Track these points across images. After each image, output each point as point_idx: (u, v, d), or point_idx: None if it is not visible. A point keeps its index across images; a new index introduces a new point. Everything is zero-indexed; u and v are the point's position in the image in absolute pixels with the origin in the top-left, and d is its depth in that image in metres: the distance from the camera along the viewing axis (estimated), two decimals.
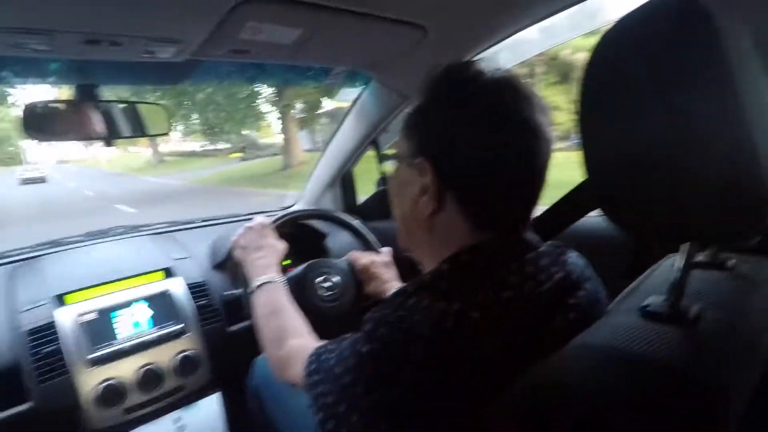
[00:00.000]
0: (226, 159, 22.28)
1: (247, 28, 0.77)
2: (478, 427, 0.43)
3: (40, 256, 1.21)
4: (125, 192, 13.85)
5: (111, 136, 0.94)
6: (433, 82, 0.55)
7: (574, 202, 0.64)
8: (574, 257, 0.59)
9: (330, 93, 9.36)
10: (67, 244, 1.38)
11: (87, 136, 0.92)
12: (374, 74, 1.16)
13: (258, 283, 0.91)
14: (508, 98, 0.51)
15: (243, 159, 21.27)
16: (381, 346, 0.48)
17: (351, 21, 0.83)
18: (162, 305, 1.10)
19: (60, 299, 1.04)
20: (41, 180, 21.84)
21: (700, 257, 0.55)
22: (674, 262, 0.54)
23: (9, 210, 11.34)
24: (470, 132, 0.51)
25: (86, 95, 0.89)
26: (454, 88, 0.53)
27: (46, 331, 0.98)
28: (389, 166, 0.65)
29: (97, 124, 0.91)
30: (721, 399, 0.36)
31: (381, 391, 0.47)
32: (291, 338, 0.80)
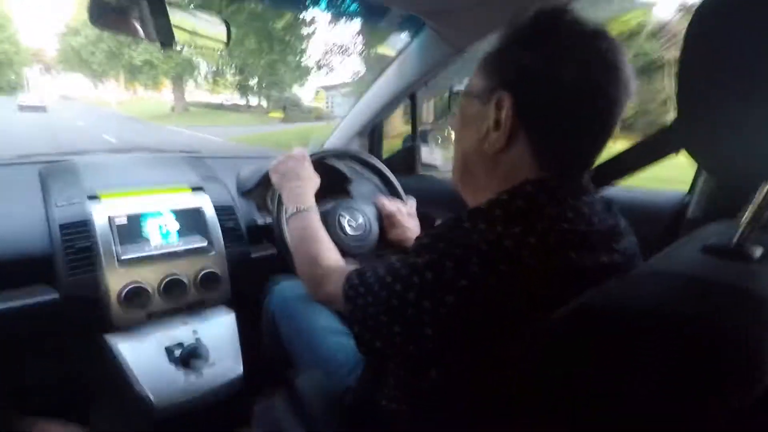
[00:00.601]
0: (262, 118, 19.99)
1: None
2: (518, 347, 0.45)
3: (68, 160, 1.22)
4: (157, 144, 11.69)
5: (168, 39, 0.93)
6: (523, 23, 0.56)
7: (637, 154, 0.66)
8: (618, 211, 0.62)
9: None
10: (92, 154, 1.39)
11: (147, 35, 0.91)
12: (431, 22, 1.15)
13: (299, 208, 0.92)
14: (601, 46, 0.52)
15: (283, 120, 18.92)
16: (439, 256, 0.50)
17: None
18: (190, 220, 1.12)
19: (95, 198, 1.05)
20: (42, 109, 21.26)
21: None
22: (717, 226, 0.57)
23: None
24: (557, 69, 0.52)
25: None
26: (546, 28, 0.54)
27: (81, 227, 1.00)
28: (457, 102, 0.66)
29: (158, 24, 0.91)
30: None
31: (434, 298, 0.50)
32: (327, 260, 0.83)
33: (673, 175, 0.90)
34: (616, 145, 0.64)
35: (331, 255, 0.85)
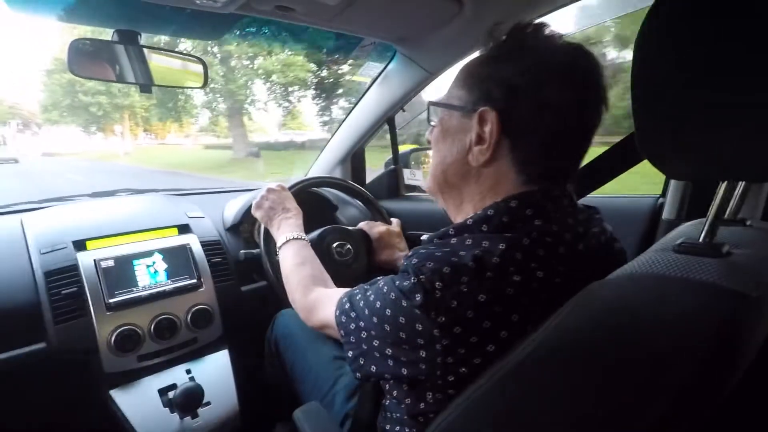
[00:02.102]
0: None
1: None
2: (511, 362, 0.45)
3: (49, 207, 1.21)
4: None
5: (146, 82, 0.95)
6: (502, 38, 0.58)
7: (612, 160, 0.69)
8: (602, 219, 0.64)
9: None
10: (75, 199, 1.38)
11: (123, 79, 0.93)
12: (402, 48, 1.19)
13: (289, 238, 0.93)
14: (581, 60, 0.55)
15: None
16: (429, 277, 0.50)
17: None
18: (178, 259, 1.12)
19: (81, 244, 1.04)
20: (13, 160, 21.12)
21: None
22: (689, 226, 0.60)
23: None
24: (540, 85, 0.53)
25: (127, 40, 0.91)
26: (528, 43, 0.56)
27: (68, 273, 0.98)
28: (433, 116, 0.66)
29: (136, 68, 0.92)
30: (758, 309, 0.40)
31: (425, 320, 0.49)
32: (320, 285, 0.83)
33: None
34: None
35: (324, 280, 0.86)
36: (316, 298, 0.80)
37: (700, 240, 0.48)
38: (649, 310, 0.41)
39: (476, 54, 0.61)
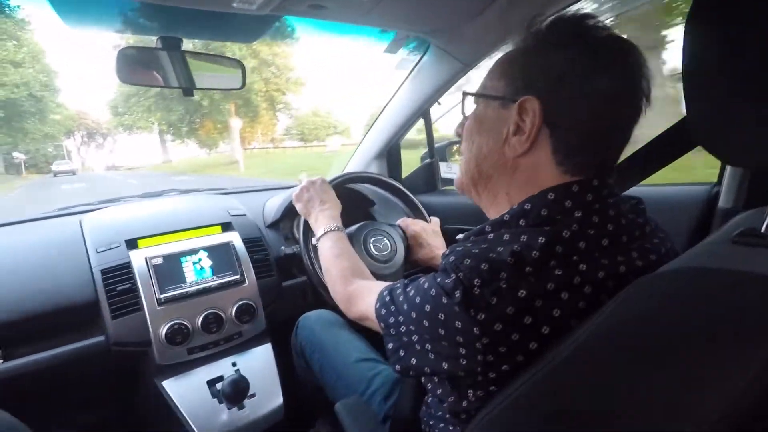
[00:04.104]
0: None
1: None
2: (556, 359, 0.44)
3: (103, 208, 1.28)
4: None
5: (189, 86, 0.99)
6: (544, 27, 0.56)
7: (658, 149, 0.65)
8: (646, 210, 0.61)
9: None
10: (127, 200, 1.46)
11: (168, 83, 0.97)
12: (436, 40, 1.18)
13: (327, 229, 0.95)
14: (629, 52, 0.52)
15: None
16: (467, 275, 0.49)
17: None
18: (222, 256, 1.16)
19: (133, 243, 1.10)
20: (71, 172, 23.40)
21: None
22: (749, 215, 0.55)
23: None
24: (586, 75, 0.51)
25: (170, 46, 0.95)
26: (574, 33, 0.54)
27: (122, 271, 1.04)
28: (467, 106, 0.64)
29: (178, 73, 0.97)
30: None
31: (465, 318, 0.49)
32: (359, 276, 0.84)
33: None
34: None
35: (363, 272, 0.87)
36: (355, 289, 0.80)
37: (762, 230, 0.44)
38: (704, 306, 0.38)
39: (512, 44, 0.59)
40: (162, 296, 1.05)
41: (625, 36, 0.54)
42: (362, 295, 0.76)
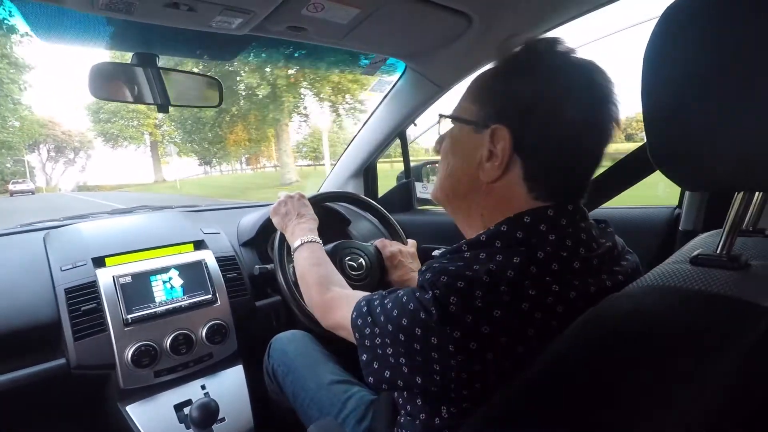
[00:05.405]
0: None
1: (311, 3, 0.82)
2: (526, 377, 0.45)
3: (69, 225, 1.24)
4: None
5: (164, 102, 0.98)
6: (516, 52, 0.57)
7: (623, 172, 0.68)
8: (614, 232, 0.63)
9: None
10: (95, 217, 1.42)
11: (141, 99, 0.96)
12: (412, 64, 1.21)
13: (304, 240, 0.94)
14: (597, 77, 0.54)
15: None
16: (443, 292, 0.50)
17: (404, 5, 0.88)
18: (194, 275, 1.13)
19: (100, 261, 1.06)
20: (30, 192, 22.19)
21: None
22: (707, 237, 0.58)
23: None
24: (555, 104, 0.53)
25: (146, 62, 0.94)
26: (542, 59, 0.55)
27: (87, 290, 1.01)
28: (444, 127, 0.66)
29: (154, 89, 0.96)
30: None
31: (441, 334, 0.49)
32: (335, 285, 0.83)
33: None
34: None
35: (339, 281, 0.86)
36: (332, 297, 0.79)
37: (717, 251, 0.47)
38: (665, 323, 0.40)
39: (487, 67, 0.61)
40: (129, 316, 1.01)
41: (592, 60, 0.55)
42: (339, 304, 0.75)
